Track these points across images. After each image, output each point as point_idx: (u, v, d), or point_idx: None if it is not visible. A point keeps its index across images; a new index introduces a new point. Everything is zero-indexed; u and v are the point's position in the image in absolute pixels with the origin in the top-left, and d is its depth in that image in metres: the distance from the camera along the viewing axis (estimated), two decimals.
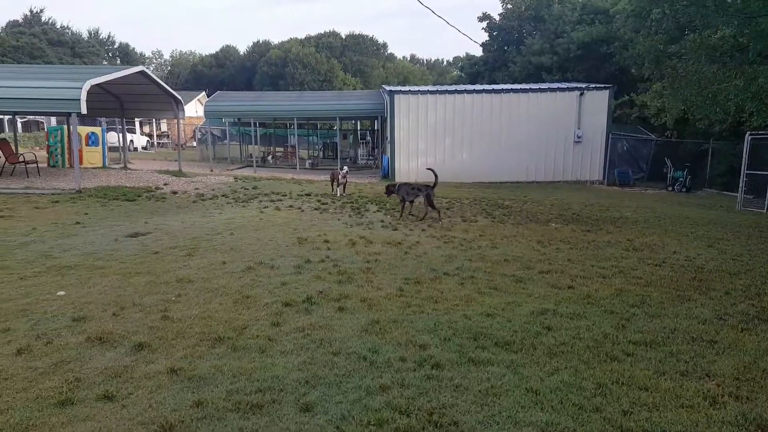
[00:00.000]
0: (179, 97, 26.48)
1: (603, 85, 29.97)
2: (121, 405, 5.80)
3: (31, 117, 51.57)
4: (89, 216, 14.57)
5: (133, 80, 23.93)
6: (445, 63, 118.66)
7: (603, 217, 16.62)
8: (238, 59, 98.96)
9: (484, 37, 55.76)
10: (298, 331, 7.32)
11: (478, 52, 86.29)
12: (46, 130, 33.31)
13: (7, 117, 48.77)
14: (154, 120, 61.01)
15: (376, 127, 40.16)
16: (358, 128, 51.09)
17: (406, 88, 30.31)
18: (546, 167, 29.51)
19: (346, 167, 20.58)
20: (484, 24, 54.87)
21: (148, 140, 55.75)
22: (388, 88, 30.63)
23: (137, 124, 55.06)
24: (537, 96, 29.25)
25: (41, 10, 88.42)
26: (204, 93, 73.66)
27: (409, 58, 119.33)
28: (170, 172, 26.00)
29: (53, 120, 49.20)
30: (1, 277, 9.07)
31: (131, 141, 49.82)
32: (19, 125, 49.80)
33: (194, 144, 56.64)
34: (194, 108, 69.38)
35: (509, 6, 53.53)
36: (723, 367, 6.70)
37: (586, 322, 7.82)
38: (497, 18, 54.63)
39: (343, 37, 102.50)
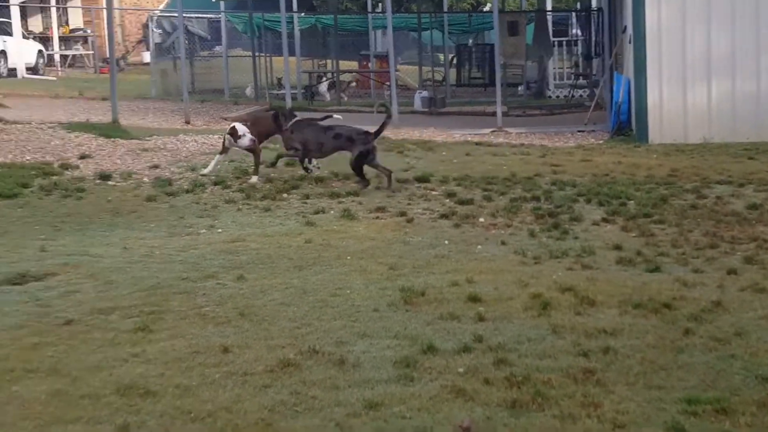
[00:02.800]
0: None
1: None
2: None
3: None
4: None
5: None
6: None
7: None
8: None
9: None
10: None
11: None
12: None
13: None
14: (53, 5, 39.15)
15: (594, 4, 27.64)
16: (550, 5, 31.88)
17: None
18: None
19: None
20: None
21: (40, 51, 35.42)
22: None
23: (14, 13, 34.48)
24: None
25: None
26: None
27: None
28: (93, 128, 17.08)
29: None
30: None
31: (1, 54, 32.02)
32: None
33: (145, 57, 36.53)
34: None
35: None
36: None
37: None
38: None
39: None
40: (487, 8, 38.00)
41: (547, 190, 11.00)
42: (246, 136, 11.88)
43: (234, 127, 12.00)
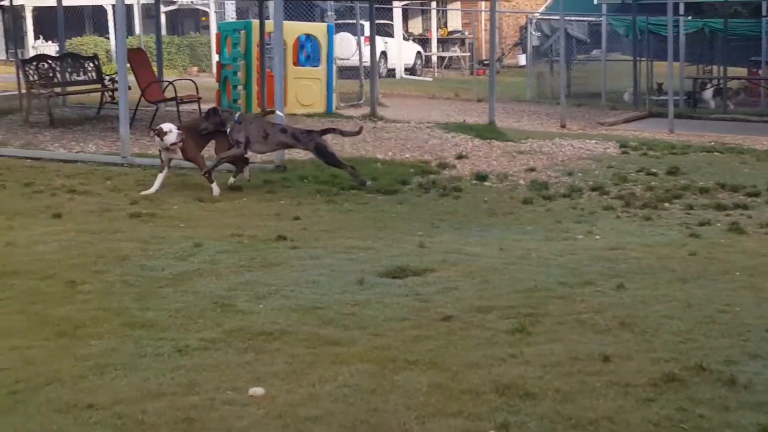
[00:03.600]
0: None
1: None
2: None
3: None
4: (303, 223, 9.79)
5: None
6: None
7: None
8: None
9: None
10: None
11: None
12: (216, 29, 22.47)
13: None
14: (433, 7, 39.86)
15: None
16: None
17: None
18: None
19: None
20: None
21: (418, 53, 37.24)
22: None
23: (397, 16, 35.40)
24: None
25: None
26: None
27: None
28: (469, 129, 17.62)
29: (229, 8, 30.86)
30: (142, 340, 6.12)
31: (383, 54, 31.91)
32: (163, 20, 30.20)
33: (521, 60, 37.01)
34: None
35: None
36: None
37: None
38: None
39: None
40: None
41: None
42: (173, 131, 10.97)
43: (160, 127, 11.12)
